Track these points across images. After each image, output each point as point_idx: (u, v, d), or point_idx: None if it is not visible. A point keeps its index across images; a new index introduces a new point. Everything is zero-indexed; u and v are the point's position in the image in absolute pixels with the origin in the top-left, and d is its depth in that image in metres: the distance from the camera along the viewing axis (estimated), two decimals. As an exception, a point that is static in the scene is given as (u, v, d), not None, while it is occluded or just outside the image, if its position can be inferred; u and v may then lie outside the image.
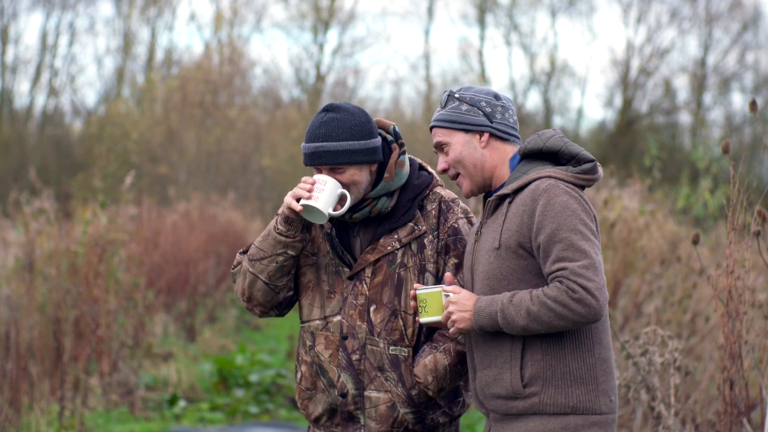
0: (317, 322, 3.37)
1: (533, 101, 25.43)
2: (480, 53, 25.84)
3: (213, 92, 22.39)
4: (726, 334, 4.47)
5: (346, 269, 3.34)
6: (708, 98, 24.55)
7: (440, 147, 3.22)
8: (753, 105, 4.35)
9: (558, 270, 2.95)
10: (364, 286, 3.32)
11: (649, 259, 8.59)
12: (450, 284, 3.17)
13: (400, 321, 3.30)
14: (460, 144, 3.18)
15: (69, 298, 8.03)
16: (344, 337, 3.32)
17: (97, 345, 8.31)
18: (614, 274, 8.45)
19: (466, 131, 3.18)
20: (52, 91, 24.09)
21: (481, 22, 25.99)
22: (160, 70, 24.98)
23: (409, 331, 3.30)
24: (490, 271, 3.07)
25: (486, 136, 3.17)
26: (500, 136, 3.18)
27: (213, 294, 13.31)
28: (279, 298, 3.37)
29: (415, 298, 3.16)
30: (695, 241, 4.77)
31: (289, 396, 9.08)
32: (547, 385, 3.02)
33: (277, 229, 3.27)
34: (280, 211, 3.30)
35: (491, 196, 3.19)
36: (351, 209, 3.30)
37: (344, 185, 3.25)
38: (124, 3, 25.09)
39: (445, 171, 3.23)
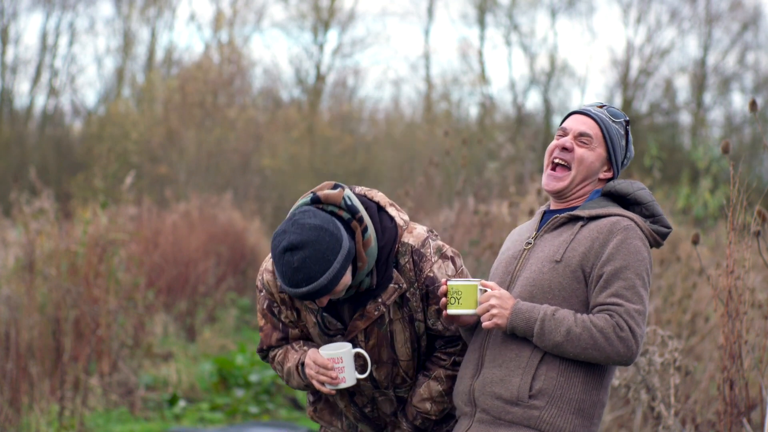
0: None
1: (533, 101, 25.40)
2: (480, 53, 25.81)
3: (213, 92, 22.39)
4: (726, 334, 4.47)
5: (339, 336, 3.37)
6: (708, 98, 24.53)
7: (581, 137, 3.22)
8: (753, 105, 4.35)
9: (612, 304, 2.99)
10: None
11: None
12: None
13: (401, 369, 3.38)
14: (597, 157, 3.23)
15: (69, 298, 8.02)
16: (352, 394, 3.46)
17: (97, 345, 8.31)
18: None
19: (608, 156, 3.24)
20: (52, 91, 24.08)
21: (481, 22, 25.97)
22: (160, 70, 24.97)
23: (410, 372, 3.40)
24: (538, 280, 3.09)
25: (611, 173, 3.26)
26: (610, 180, 3.27)
27: (213, 294, 13.30)
28: None
29: (445, 292, 3.09)
30: (695, 241, 4.76)
31: (289, 396, 9.08)
32: (552, 404, 3.03)
33: (303, 380, 3.38)
34: (302, 363, 3.36)
35: (554, 213, 3.23)
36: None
37: (336, 292, 3.19)
38: (124, 3, 25.08)
39: (565, 149, 3.22)
